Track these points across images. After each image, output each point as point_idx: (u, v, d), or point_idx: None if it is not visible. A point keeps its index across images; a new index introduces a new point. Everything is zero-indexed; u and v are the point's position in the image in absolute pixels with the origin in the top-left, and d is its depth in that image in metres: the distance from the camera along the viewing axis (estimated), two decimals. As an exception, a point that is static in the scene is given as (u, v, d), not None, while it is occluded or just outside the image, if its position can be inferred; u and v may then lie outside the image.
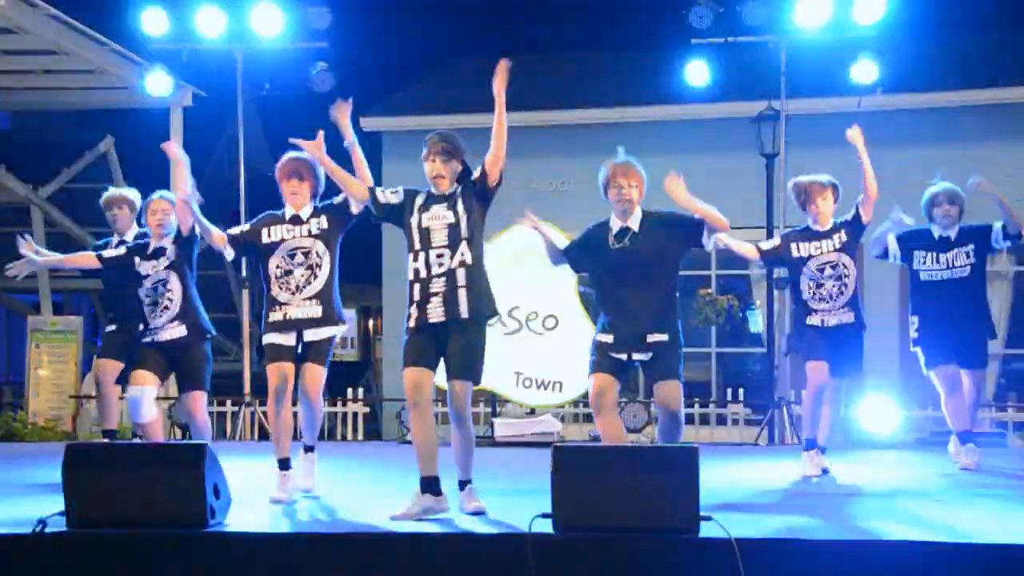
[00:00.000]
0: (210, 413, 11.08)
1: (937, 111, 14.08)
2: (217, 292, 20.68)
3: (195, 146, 15.06)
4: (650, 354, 5.74)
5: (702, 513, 4.53)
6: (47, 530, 4.63)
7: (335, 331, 6.09)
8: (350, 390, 12.53)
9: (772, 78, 10.93)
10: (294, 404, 6.20)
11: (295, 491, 6.02)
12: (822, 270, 6.86)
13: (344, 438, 12.04)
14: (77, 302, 20.10)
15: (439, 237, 5.41)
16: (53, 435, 10.94)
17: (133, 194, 7.62)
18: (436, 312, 5.35)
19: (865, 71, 10.71)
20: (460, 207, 5.44)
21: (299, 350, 6.03)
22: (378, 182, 5.93)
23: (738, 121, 11.87)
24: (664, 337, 5.72)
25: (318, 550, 4.69)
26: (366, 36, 15.31)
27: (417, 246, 5.43)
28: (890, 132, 14.29)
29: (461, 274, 5.37)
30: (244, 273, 11.34)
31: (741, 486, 6.46)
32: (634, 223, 5.85)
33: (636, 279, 5.77)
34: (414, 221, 5.47)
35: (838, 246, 6.87)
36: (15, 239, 6.79)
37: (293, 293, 5.99)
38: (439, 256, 5.39)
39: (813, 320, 6.90)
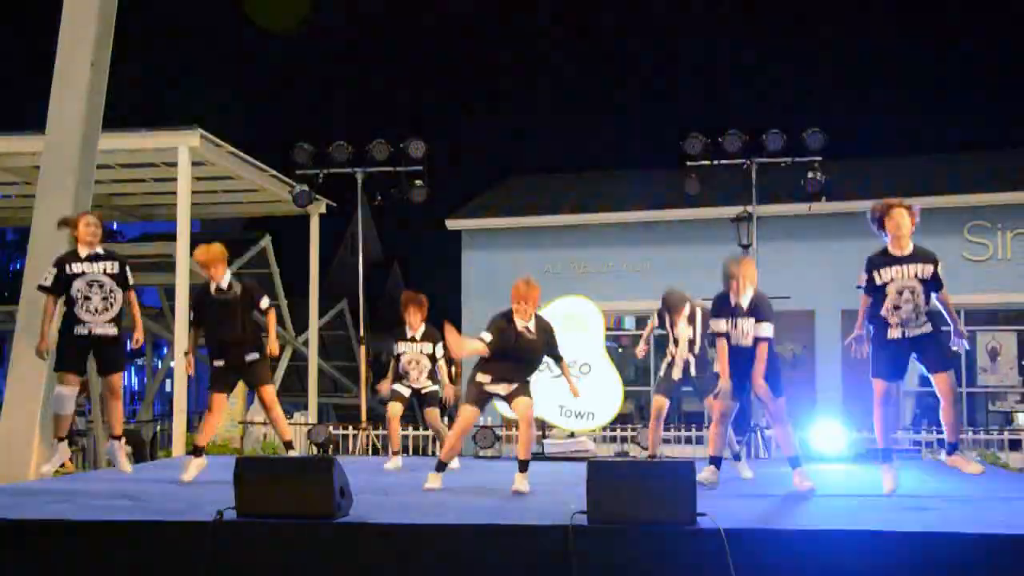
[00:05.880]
0: (335, 436, 11.22)
1: (863, 214, 14.17)
2: (342, 348, 20.89)
3: (327, 242, 15.41)
4: None
5: (698, 510, 4.50)
6: (224, 518, 4.71)
7: None
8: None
9: (746, 190, 10.97)
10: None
11: None
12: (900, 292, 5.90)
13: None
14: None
15: None
16: (227, 450, 11.03)
17: None
18: None
19: (813, 184, 10.74)
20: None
21: None
22: (458, 268, 6.03)
23: (721, 221, 11.87)
24: None
25: (420, 536, 4.71)
26: (451, 158, 15.58)
27: None
28: (833, 229, 14.32)
29: None
30: (361, 333, 11.47)
31: (728, 490, 6.37)
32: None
33: None
34: None
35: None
36: None
37: None
38: None
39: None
